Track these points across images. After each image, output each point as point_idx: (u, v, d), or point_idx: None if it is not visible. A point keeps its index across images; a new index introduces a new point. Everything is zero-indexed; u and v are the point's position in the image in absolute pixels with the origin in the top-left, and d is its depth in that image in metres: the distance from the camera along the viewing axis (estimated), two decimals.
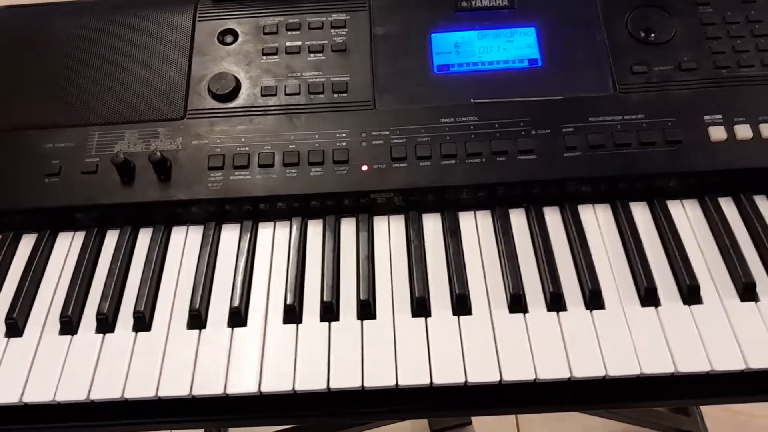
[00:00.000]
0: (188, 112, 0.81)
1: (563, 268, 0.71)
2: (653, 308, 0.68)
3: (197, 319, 0.70)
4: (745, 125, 0.76)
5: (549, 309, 0.69)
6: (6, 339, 0.70)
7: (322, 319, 0.69)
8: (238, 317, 0.70)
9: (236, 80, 0.82)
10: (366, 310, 0.69)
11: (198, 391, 0.65)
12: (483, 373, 0.64)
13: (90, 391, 0.65)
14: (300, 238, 0.76)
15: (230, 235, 0.77)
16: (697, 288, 0.68)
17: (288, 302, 0.70)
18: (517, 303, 0.69)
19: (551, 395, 0.66)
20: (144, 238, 0.77)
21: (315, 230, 0.77)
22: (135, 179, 0.77)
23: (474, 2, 0.86)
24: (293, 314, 0.70)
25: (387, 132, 0.78)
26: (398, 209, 0.77)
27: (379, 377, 0.64)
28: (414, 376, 0.64)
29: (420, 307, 0.69)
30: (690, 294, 0.68)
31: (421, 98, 0.81)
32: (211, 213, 0.78)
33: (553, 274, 0.70)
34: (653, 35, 0.83)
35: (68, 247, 0.77)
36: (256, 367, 0.66)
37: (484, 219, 0.77)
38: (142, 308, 0.70)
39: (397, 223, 0.77)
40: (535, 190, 0.76)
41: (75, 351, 0.68)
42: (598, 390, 0.66)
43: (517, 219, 0.76)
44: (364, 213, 0.77)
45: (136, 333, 0.70)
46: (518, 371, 0.64)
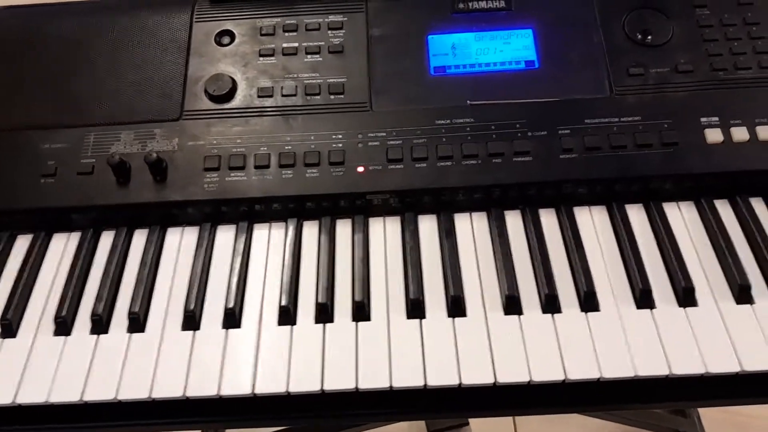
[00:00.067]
0: (184, 113, 0.81)
1: (558, 270, 0.71)
2: (648, 310, 0.68)
3: (192, 320, 0.70)
4: (742, 127, 0.76)
5: (544, 311, 0.68)
6: (0, 340, 0.70)
7: (317, 321, 0.69)
8: (233, 318, 0.70)
9: (233, 81, 0.82)
10: (361, 312, 0.69)
11: (192, 393, 0.65)
12: (477, 375, 0.64)
13: (84, 393, 0.65)
14: (295, 240, 0.76)
15: (225, 236, 0.77)
16: (693, 290, 0.68)
17: (283, 303, 0.70)
18: (512, 305, 0.69)
19: (547, 397, 0.66)
20: (139, 239, 0.77)
21: (310, 231, 0.77)
22: (131, 180, 0.77)
23: (471, 4, 0.86)
24: (288, 315, 0.70)
25: (383, 133, 0.78)
26: (394, 211, 0.77)
27: (374, 379, 0.64)
28: (408, 378, 0.64)
29: (415, 309, 0.69)
30: (685, 296, 0.68)
31: (418, 100, 0.80)
32: (207, 214, 0.77)
33: (548, 276, 0.70)
34: (650, 37, 0.83)
35: (63, 248, 0.77)
36: (251, 369, 0.66)
37: (480, 221, 0.77)
38: (137, 309, 0.70)
39: (393, 225, 0.77)
40: (531, 192, 0.76)
41: (69, 352, 0.68)
42: (594, 392, 0.66)
43: (513, 221, 0.76)
44: (360, 214, 0.77)
45: (131, 334, 0.69)
46: (513, 373, 0.64)
